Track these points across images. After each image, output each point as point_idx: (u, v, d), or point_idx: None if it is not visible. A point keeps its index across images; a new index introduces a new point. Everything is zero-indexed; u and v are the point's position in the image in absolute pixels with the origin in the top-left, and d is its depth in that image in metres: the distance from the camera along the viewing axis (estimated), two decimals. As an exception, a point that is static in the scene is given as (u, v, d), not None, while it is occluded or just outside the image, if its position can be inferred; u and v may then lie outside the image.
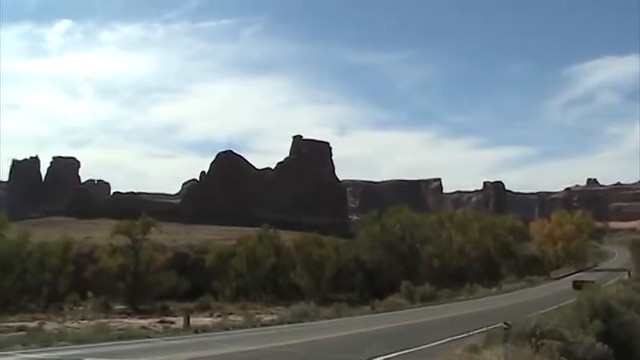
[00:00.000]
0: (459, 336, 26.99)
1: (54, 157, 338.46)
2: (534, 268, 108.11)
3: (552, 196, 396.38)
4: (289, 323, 40.56)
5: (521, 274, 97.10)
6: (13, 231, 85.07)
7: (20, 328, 44.20)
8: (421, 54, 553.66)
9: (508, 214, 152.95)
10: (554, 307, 39.05)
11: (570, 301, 33.87)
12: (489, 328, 25.21)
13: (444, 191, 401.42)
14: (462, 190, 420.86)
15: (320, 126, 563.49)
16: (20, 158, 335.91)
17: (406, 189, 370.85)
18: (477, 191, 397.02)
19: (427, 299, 63.57)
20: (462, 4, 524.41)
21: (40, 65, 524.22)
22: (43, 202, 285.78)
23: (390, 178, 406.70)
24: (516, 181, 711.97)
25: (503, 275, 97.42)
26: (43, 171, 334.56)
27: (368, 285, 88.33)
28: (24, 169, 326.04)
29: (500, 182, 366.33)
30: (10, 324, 49.66)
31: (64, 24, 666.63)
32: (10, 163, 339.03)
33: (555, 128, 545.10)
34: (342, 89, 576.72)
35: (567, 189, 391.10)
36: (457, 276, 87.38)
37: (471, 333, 27.08)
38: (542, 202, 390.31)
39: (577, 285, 70.02)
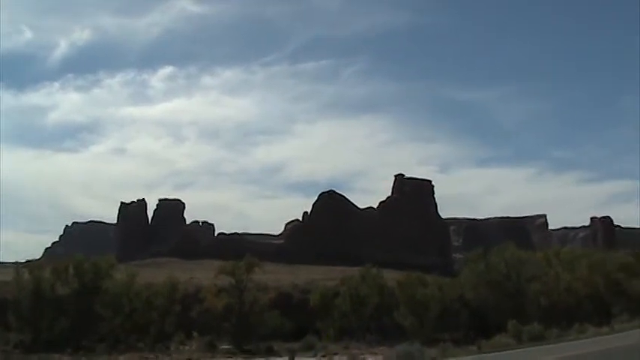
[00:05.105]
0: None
1: (160, 200, 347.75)
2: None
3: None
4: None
5: (634, 314, 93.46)
6: (121, 272, 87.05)
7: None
8: (524, 89, 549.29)
9: (618, 250, 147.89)
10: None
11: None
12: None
13: (549, 228, 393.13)
14: (569, 226, 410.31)
15: (422, 164, 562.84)
16: (127, 201, 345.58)
17: (510, 226, 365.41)
18: (584, 227, 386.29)
19: (535, 339, 61.80)
20: (565, 37, 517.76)
21: (144, 110, 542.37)
22: (149, 243, 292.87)
23: (493, 216, 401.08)
24: (626, 216, 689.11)
25: (615, 314, 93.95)
26: (150, 213, 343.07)
27: (473, 324, 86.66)
28: (131, 211, 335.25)
29: (609, 217, 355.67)
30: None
31: (167, 70, 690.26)
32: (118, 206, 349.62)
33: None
34: (444, 126, 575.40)
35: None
36: (566, 315, 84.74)
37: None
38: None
39: None
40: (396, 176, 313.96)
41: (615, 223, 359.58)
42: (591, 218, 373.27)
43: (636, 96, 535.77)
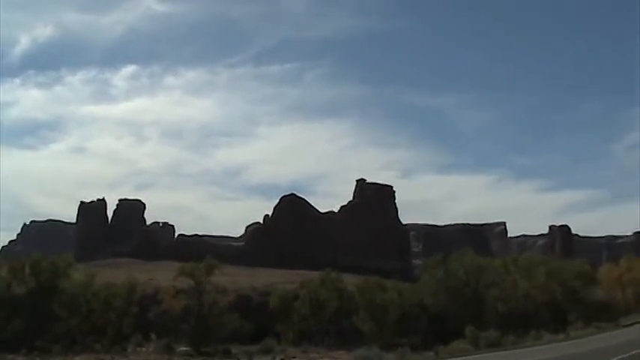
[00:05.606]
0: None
1: (120, 200, 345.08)
2: (603, 315, 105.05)
3: (621, 240, 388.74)
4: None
5: (589, 321, 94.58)
6: (79, 272, 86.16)
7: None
8: (486, 96, 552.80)
9: (575, 258, 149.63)
10: (625, 355, 38.01)
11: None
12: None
13: (508, 235, 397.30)
14: (528, 234, 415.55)
15: (383, 169, 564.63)
16: (87, 200, 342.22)
17: (470, 233, 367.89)
18: (542, 235, 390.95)
19: (492, 345, 62.27)
20: (526, 46, 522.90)
21: (106, 109, 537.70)
22: (109, 243, 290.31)
23: (453, 222, 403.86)
24: (583, 225, 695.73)
25: (570, 321, 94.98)
26: (110, 213, 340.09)
27: (432, 330, 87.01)
28: (91, 211, 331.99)
29: (567, 226, 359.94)
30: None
31: (130, 69, 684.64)
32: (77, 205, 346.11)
33: (624, 170, 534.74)
34: (406, 132, 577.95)
35: (637, 233, 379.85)
36: (523, 322, 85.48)
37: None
38: (610, 246, 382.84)
39: None
40: (357, 181, 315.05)
41: (573, 231, 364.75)
42: (550, 226, 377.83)
43: (593, 104, 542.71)
